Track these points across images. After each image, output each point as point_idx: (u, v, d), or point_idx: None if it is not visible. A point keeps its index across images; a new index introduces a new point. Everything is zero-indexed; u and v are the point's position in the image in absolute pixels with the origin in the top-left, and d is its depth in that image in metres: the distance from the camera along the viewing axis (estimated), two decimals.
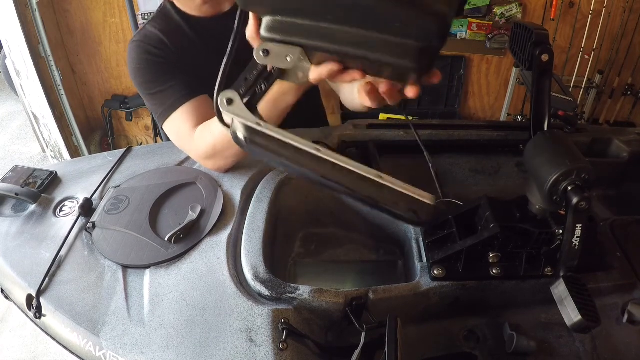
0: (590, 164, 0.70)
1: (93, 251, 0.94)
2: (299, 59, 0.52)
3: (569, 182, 0.70)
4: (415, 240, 0.90)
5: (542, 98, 0.86)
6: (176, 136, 1.08)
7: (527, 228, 0.79)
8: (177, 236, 0.92)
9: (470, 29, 2.66)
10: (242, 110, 0.54)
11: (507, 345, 0.78)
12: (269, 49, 0.52)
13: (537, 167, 0.76)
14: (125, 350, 0.76)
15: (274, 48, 0.52)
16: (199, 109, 1.05)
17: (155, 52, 1.07)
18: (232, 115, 0.54)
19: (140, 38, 1.09)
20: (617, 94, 2.80)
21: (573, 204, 0.68)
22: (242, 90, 0.55)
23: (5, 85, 3.71)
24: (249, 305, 0.78)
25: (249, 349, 0.72)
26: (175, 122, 1.05)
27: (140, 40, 1.09)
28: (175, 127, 1.06)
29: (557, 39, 2.63)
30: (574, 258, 0.73)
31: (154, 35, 1.10)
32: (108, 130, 3.03)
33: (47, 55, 2.56)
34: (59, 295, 0.86)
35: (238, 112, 0.53)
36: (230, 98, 0.54)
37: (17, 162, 2.04)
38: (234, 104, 0.54)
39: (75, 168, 1.20)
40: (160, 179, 1.09)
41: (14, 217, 1.05)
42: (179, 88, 1.05)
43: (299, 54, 0.52)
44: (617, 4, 2.49)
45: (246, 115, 0.53)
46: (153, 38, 1.09)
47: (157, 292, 0.84)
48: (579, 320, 0.67)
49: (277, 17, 0.50)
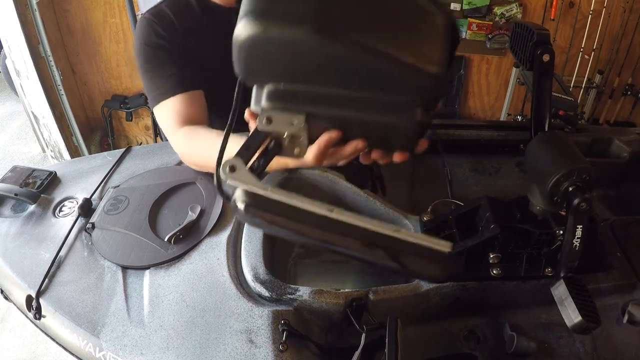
0: (590, 165, 0.70)
1: (92, 252, 0.93)
2: (303, 125, 0.53)
3: (569, 183, 0.70)
4: None
5: (543, 98, 0.86)
6: (162, 125, 1.09)
7: (527, 228, 0.79)
8: (176, 237, 0.92)
9: (470, 29, 2.66)
10: (247, 176, 0.51)
11: (507, 346, 0.78)
12: (271, 117, 0.53)
13: (538, 167, 0.76)
14: (125, 352, 0.76)
15: (276, 115, 0.53)
16: (189, 105, 1.05)
17: (163, 35, 1.07)
18: (237, 183, 0.50)
19: (151, 16, 1.09)
20: (617, 94, 2.80)
21: (574, 205, 0.68)
22: (244, 157, 0.53)
23: (5, 85, 3.70)
24: (249, 306, 0.78)
25: (249, 350, 0.72)
26: (163, 111, 1.06)
27: (152, 18, 1.08)
28: (163, 116, 1.07)
29: (557, 39, 2.63)
30: (575, 259, 0.73)
31: (166, 15, 1.09)
32: (108, 130, 3.03)
33: (47, 55, 2.56)
34: (58, 296, 0.85)
35: (243, 179, 0.50)
36: (234, 165, 0.51)
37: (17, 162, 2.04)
38: (238, 171, 0.51)
39: (75, 168, 1.20)
40: (159, 179, 1.09)
41: (14, 217, 1.05)
42: (176, 78, 1.05)
43: (303, 119, 0.53)
44: (617, 4, 2.48)
45: (252, 182, 0.50)
46: (164, 18, 1.09)
47: (156, 293, 0.84)
48: (579, 320, 0.67)
49: (279, 85, 0.52)
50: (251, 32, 0.47)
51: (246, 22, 0.47)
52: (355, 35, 0.48)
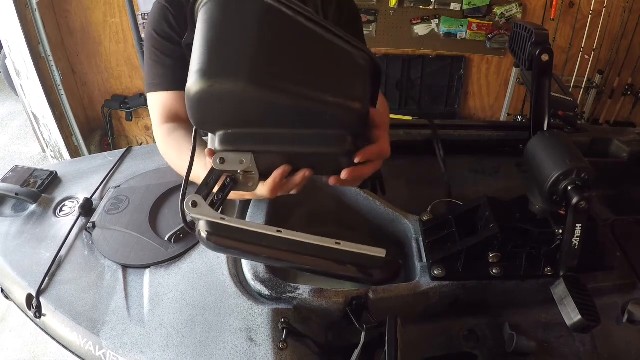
0: (590, 164, 0.70)
1: (93, 251, 0.94)
2: (251, 162, 0.61)
3: (568, 182, 0.70)
4: (415, 240, 0.90)
5: (542, 98, 0.86)
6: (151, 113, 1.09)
7: (527, 228, 0.79)
8: (177, 236, 0.92)
9: (470, 29, 2.66)
10: (207, 210, 0.61)
11: (507, 345, 0.78)
12: (224, 157, 0.61)
13: (537, 167, 0.76)
14: (125, 350, 0.76)
15: (228, 156, 0.61)
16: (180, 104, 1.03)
17: (174, 26, 1.05)
18: (198, 216, 0.60)
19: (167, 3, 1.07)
20: (617, 94, 2.80)
21: (573, 204, 0.68)
22: (204, 193, 0.62)
23: (5, 85, 3.70)
24: (249, 304, 0.78)
25: (249, 349, 0.72)
26: (154, 101, 1.05)
27: (167, 6, 1.06)
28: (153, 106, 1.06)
29: (557, 39, 2.63)
30: (574, 258, 0.73)
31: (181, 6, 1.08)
32: (108, 130, 3.03)
33: (47, 55, 2.56)
34: (59, 295, 0.86)
35: (204, 213, 0.60)
36: (195, 201, 0.60)
37: (17, 162, 2.04)
38: (199, 206, 0.60)
39: (76, 168, 1.20)
40: (160, 179, 1.09)
41: (14, 217, 1.05)
42: (173, 72, 1.04)
43: (250, 158, 0.61)
44: (617, 4, 2.49)
45: (210, 214, 0.60)
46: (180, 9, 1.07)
47: (157, 291, 0.84)
48: (579, 320, 0.67)
49: (228, 130, 0.61)
50: (199, 88, 0.55)
51: (195, 80, 0.55)
52: (285, 84, 0.56)
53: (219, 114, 0.60)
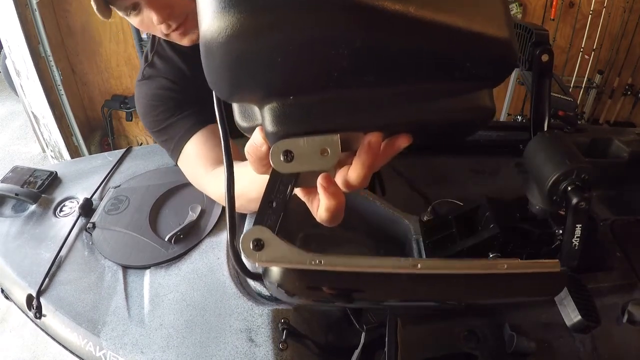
0: (590, 164, 0.70)
1: (93, 251, 0.94)
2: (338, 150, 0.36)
3: (568, 182, 0.70)
4: (416, 240, 0.90)
5: (542, 98, 0.86)
6: (192, 177, 0.97)
7: (527, 228, 0.79)
8: (177, 236, 0.92)
9: None
10: (286, 250, 0.37)
11: (507, 346, 0.78)
12: (291, 150, 0.36)
13: (537, 167, 0.76)
14: (126, 350, 0.76)
15: (297, 146, 0.36)
16: (211, 139, 0.95)
17: (167, 86, 1.00)
18: (272, 264, 0.37)
19: (145, 78, 1.03)
20: (617, 94, 2.80)
21: (573, 204, 0.68)
22: (270, 221, 0.38)
23: (5, 85, 3.70)
24: (249, 305, 0.78)
25: (249, 349, 0.72)
26: (189, 158, 0.95)
27: (147, 79, 1.03)
28: (190, 165, 0.95)
29: (557, 39, 2.63)
30: (574, 258, 0.73)
31: (157, 75, 1.03)
32: (108, 130, 3.03)
33: (47, 55, 2.56)
34: (59, 296, 0.86)
35: (281, 257, 0.37)
36: (260, 239, 0.37)
37: (17, 162, 2.04)
38: (268, 247, 0.37)
39: (76, 168, 1.20)
40: (160, 179, 1.09)
41: (14, 217, 1.05)
42: (187, 119, 0.97)
43: (337, 142, 0.36)
44: (617, 4, 2.48)
45: (296, 257, 0.37)
46: (157, 78, 1.03)
47: (157, 292, 0.84)
48: (578, 320, 0.67)
49: (286, 100, 0.34)
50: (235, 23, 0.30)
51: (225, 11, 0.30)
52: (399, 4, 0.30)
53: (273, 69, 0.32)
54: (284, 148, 0.36)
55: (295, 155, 0.36)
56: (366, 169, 0.39)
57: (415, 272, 0.37)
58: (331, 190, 0.40)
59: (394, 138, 0.39)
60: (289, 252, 0.36)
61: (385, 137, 0.39)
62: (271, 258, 0.36)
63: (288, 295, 0.38)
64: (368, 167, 0.39)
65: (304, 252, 0.37)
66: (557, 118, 1.20)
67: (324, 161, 0.36)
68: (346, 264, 0.37)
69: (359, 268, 0.37)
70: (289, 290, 0.37)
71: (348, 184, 0.40)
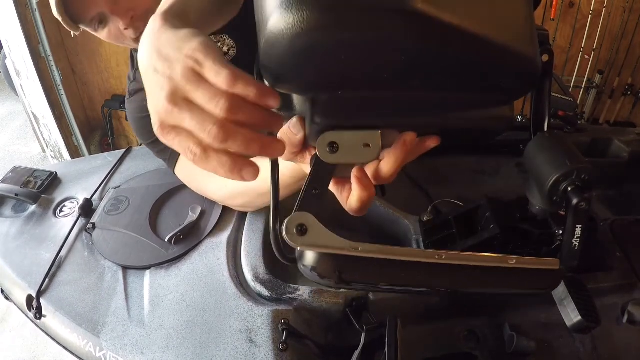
0: (590, 165, 0.70)
1: (93, 252, 0.94)
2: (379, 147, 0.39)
3: (569, 183, 0.70)
4: (416, 240, 0.90)
5: (542, 98, 0.86)
6: (192, 182, 0.97)
7: (527, 228, 0.79)
8: (177, 237, 0.92)
9: None
10: (328, 237, 0.39)
11: (507, 346, 0.78)
12: (336, 142, 0.39)
13: (537, 168, 0.76)
14: (126, 351, 0.76)
15: (342, 138, 0.39)
16: None
17: None
18: (315, 248, 0.39)
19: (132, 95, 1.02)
20: (617, 94, 2.80)
21: (573, 205, 0.68)
22: (314, 207, 0.40)
23: (5, 85, 3.70)
24: (249, 306, 0.78)
25: (249, 350, 0.72)
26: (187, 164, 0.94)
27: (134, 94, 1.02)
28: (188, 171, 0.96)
29: (557, 39, 2.63)
30: (574, 258, 0.73)
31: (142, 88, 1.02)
32: (108, 130, 3.03)
33: (47, 55, 2.56)
34: (59, 296, 0.86)
35: (323, 243, 0.39)
36: (304, 224, 0.39)
37: (17, 162, 2.04)
38: (312, 232, 0.39)
39: (76, 168, 1.20)
40: (160, 180, 1.09)
41: (14, 217, 1.05)
42: None
43: (379, 138, 0.39)
44: (617, 4, 2.48)
45: (337, 243, 0.39)
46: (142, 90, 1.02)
47: (157, 293, 0.84)
48: (578, 320, 0.67)
49: (338, 93, 0.37)
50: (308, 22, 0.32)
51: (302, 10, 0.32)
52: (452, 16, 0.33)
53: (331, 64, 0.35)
54: (330, 140, 0.39)
55: (340, 147, 0.39)
56: (398, 163, 0.43)
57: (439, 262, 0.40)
58: (365, 182, 0.43)
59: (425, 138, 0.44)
60: (330, 239, 0.39)
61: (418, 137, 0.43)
62: (313, 243, 0.39)
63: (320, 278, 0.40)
64: (400, 162, 0.43)
65: (347, 241, 0.40)
66: (557, 118, 1.20)
67: (366, 154, 0.39)
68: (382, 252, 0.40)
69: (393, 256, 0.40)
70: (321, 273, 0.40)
71: (379, 177, 0.44)
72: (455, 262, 0.41)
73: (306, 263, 0.40)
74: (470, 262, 0.42)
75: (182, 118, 0.36)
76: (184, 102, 0.36)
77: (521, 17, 0.37)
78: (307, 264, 0.40)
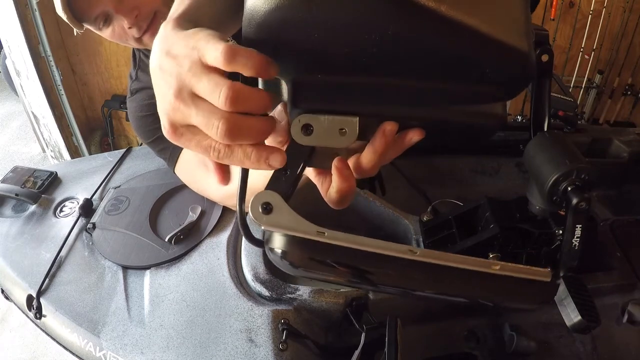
0: (590, 164, 0.70)
1: (93, 252, 0.94)
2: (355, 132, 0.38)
3: (568, 183, 0.69)
4: (416, 240, 0.90)
5: (542, 98, 0.86)
6: (192, 181, 0.97)
7: (527, 228, 0.79)
8: (177, 237, 0.92)
9: None
10: (291, 217, 0.37)
11: (507, 346, 0.78)
12: (311, 124, 0.38)
13: (537, 168, 0.76)
14: (126, 351, 0.76)
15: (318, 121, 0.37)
16: None
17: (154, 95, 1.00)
18: (279, 229, 0.38)
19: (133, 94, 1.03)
20: (617, 94, 2.80)
21: (573, 205, 0.68)
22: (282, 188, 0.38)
23: (5, 85, 3.71)
24: (249, 305, 0.78)
25: (249, 350, 0.72)
26: (187, 163, 0.95)
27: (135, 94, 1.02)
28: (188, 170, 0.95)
29: (557, 39, 2.63)
30: (574, 258, 0.73)
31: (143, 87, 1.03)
32: (108, 130, 3.03)
33: (47, 55, 2.56)
34: (59, 296, 0.86)
35: (286, 222, 0.37)
36: (269, 203, 0.37)
37: (17, 162, 2.05)
38: (277, 212, 0.37)
39: (76, 168, 1.20)
40: (160, 180, 1.09)
41: (14, 217, 1.05)
42: None
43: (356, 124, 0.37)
44: (617, 4, 2.48)
45: (301, 226, 0.37)
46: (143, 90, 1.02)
47: (157, 292, 0.84)
48: (578, 320, 0.67)
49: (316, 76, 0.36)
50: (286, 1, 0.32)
51: None
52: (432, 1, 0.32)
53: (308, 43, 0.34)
54: (304, 122, 0.38)
55: (314, 129, 0.38)
56: (378, 155, 0.41)
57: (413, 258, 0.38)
58: (345, 173, 0.41)
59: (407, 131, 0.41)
60: (296, 221, 0.37)
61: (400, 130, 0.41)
62: (278, 223, 0.37)
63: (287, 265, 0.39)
64: (380, 154, 0.41)
65: (311, 224, 0.38)
66: (557, 118, 1.20)
67: (341, 140, 0.38)
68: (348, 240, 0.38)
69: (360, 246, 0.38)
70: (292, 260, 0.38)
71: (360, 169, 0.43)
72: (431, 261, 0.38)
73: (274, 245, 0.39)
74: (448, 263, 0.39)
75: (188, 114, 0.35)
76: (190, 97, 0.35)
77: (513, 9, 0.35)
78: (274, 246, 0.39)
